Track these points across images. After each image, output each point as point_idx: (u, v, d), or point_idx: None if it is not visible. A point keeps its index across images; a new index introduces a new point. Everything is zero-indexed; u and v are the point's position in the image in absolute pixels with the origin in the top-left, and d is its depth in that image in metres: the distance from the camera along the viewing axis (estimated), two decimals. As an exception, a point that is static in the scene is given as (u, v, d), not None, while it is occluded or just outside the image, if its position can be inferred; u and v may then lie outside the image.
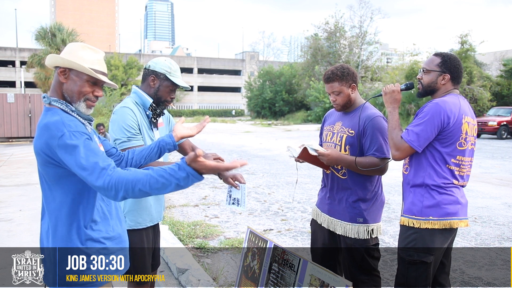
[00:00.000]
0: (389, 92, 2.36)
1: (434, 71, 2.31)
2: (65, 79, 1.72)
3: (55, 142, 1.60)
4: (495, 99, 26.68)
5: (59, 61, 1.73)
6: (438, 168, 2.22)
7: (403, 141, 2.22)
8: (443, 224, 2.22)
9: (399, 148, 2.23)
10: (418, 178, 2.27)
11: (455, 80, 2.33)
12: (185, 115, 47.68)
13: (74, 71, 1.72)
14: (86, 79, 1.72)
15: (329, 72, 2.55)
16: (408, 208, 2.29)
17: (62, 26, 30.92)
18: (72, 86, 1.72)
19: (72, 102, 1.73)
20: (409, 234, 2.26)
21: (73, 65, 1.71)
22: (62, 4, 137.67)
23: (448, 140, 2.21)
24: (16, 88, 47.21)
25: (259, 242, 2.34)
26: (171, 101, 2.41)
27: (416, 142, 2.19)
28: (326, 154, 2.40)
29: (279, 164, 10.95)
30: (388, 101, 2.37)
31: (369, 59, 38.16)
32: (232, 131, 24.74)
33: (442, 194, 2.23)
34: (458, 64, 2.33)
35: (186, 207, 6.41)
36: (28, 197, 7.17)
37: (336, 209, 2.56)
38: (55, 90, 1.74)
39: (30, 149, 15.07)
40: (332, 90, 2.54)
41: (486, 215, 6.01)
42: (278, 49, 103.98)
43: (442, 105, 2.19)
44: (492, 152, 14.23)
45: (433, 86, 2.32)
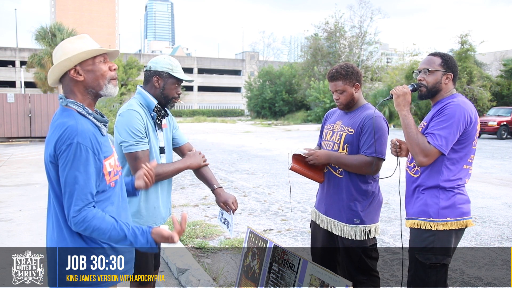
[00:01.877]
0: (402, 94, 2.26)
1: (438, 71, 2.28)
2: (81, 76, 1.71)
3: (62, 146, 1.60)
4: (495, 99, 26.67)
5: (66, 65, 1.70)
6: (454, 169, 2.20)
7: (432, 146, 2.15)
8: (460, 224, 2.19)
9: (428, 154, 2.15)
10: (431, 180, 2.22)
11: (455, 79, 2.33)
12: (185, 115, 47.71)
13: (84, 64, 1.70)
14: (98, 61, 1.72)
15: (333, 70, 2.56)
16: (422, 210, 2.22)
17: (62, 26, 30.92)
18: (92, 76, 1.71)
19: (99, 90, 1.73)
20: (426, 237, 2.20)
21: (83, 56, 1.69)
22: (62, 4, 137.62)
23: (466, 141, 2.20)
24: (16, 88, 47.22)
25: (259, 242, 2.34)
26: (178, 97, 2.43)
27: (445, 147, 2.14)
28: (312, 153, 2.48)
29: (279, 164, 10.95)
30: (401, 104, 2.26)
31: (369, 59, 38.18)
32: (232, 131, 24.73)
33: (456, 194, 2.21)
34: (456, 63, 2.35)
35: (186, 207, 6.41)
36: (28, 197, 7.16)
37: (333, 210, 2.56)
38: (72, 91, 1.72)
39: (30, 149, 15.07)
40: (336, 88, 2.55)
41: (486, 215, 6.01)
42: (278, 49, 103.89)
43: (464, 106, 2.17)
44: (492, 152, 14.22)
45: (438, 87, 2.29)
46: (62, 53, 1.72)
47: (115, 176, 1.78)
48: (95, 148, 1.66)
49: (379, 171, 2.54)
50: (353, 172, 2.49)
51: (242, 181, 8.74)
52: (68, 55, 1.70)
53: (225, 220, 2.47)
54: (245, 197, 7.20)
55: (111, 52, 1.79)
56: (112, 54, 1.80)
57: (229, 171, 9.88)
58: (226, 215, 2.45)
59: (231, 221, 2.42)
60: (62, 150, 1.60)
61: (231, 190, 7.73)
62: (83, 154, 1.61)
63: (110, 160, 1.75)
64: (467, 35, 26.43)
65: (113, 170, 1.76)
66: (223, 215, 2.51)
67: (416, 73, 2.37)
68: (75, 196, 1.60)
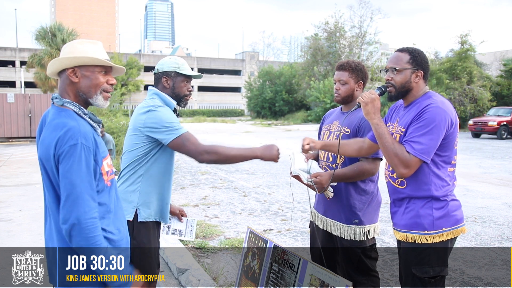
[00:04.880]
0: (370, 101, 2.06)
1: (406, 69, 2.09)
2: (77, 78, 1.71)
3: (64, 146, 1.58)
4: (495, 99, 26.68)
5: (66, 63, 1.71)
6: (441, 175, 2.04)
7: (412, 156, 1.96)
8: (456, 232, 2.06)
9: (409, 165, 1.97)
10: (421, 191, 2.04)
11: (426, 76, 2.13)
12: (185, 115, 47.68)
13: (83, 68, 1.71)
14: (98, 71, 1.73)
15: (344, 61, 2.62)
16: (415, 222, 2.06)
17: (62, 26, 30.93)
18: (86, 82, 1.71)
19: (89, 97, 1.73)
20: (421, 250, 2.04)
21: (84, 60, 1.69)
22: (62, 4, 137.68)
23: (449, 143, 2.03)
24: (16, 88, 47.20)
25: (259, 242, 2.34)
26: (190, 94, 2.45)
27: (427, 155, 1.96)
28: (317, 181, 2.41)
29: (279, 164, 10.93)
30: (371, 112, 2.06)
31: (369, 59, 38.13)
32: (232, 131, 24.73)
33: (449, 202, 2.06)
34: (426, 58, 2.15)
35: (186, 207, 6.40)
36: (28, 197, 7.17)
37: (332, 210, 2.56)
38: (66, 92, 1.72)
39: (30, 149, 15.07)
40: (340, 78, 2.58)
41: (486, 215, 6.01)
42: (278, 49, 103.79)
43: (444, 108, 2.00)
44: (492, 152, 14.22)
45: (407, 86, 2.10)
46: (69, 50, 1.73)
47: (111, 175, 1.80)
48: (96, 149, 1.67)
49: (378, 170, 2.54)
50: None
51: (242, 181, 8.74)
52: (72, 54, 1.71)
53: (174, 230, 2.56)
54: (245, 197, 7.20)
55: (117, 68, 1.81)
56: (118, 70, 1.82)
57: (229, 171, 9.88)
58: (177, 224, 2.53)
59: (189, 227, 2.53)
60: (64, 151, 1.58)
61: (231, 190, 7.73)
62: (86, 155, 1.61)
63: (107, 160, 1.77)
64: (467, 35, 26.46)
65: (110, 169, 1.78)
66: (169, 227, 2.61)
67: (384, 72, 2.19)
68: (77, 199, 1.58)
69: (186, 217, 2.52)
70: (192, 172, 9.69)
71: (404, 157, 1.97)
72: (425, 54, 2.16)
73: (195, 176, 9.22)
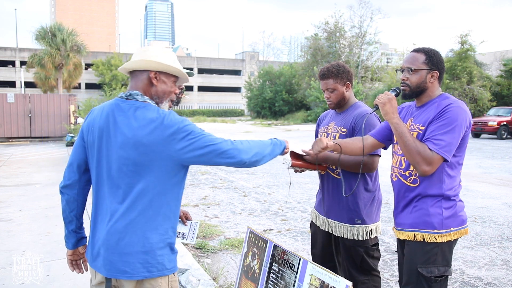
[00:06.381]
0: (387, 101, 2.07)
1: (422, 70, 2.10)
2: (157, 81, 1.78)
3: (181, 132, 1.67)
4: (495, 99, 26.69)
5: (153, 66, 1.76)
6: (453, 174, 2.06)
7: (434, 153, 1.96)
8: (461, 233, 2.07)
9: (432, 162, 1.97)
10: (434, 189, 2.05)
11: (441, 77, 2.15)
12: (185, 115, 47.68)
13: (163, 74, 1.79)
14: (174, 80, 1.83)
15: (324, 69, 2.59)
16: (424, 221, 2.06)
17: (62, 26, 30.95)
18: (163, 88, 1.80)
19: (160, 102, 1.80)
20: (429, 249, 2.04)
21: (171, 69, 1.78)
22: (62, 4, 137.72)
23: (463, 144, 2.06)
24: (16, 88, 47.23)
25: (259, 242, 2.34)
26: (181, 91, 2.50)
27: (449, 153, 1.97)
28: (310, 152, 2.39)
29: (279, 164, 10.94)
30: (390, 111, 2.06)
31: (369, 59, 38.16)
32: (232, 131, 24.73)
33: (457, 202, 2.08)
34: (442, 59, 2.16)
35: (186, 207, 6.40)
36: (28, 197, 7.16)
37: (334, 211, 2.55)
38: (144, 91, 1.77)
39: (30, 149, 15.07)
40: (327, 87, 2.57)
41: (486, 215, 6.01)
42: (278, 49, 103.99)
43: (464, 108, 2.02)
44: (492, 152, 14.23)
45: (422, 86, 2.11)
46: (153, 54, 1.77)
47: None
48: None
49: (377, 168, 2.53)
50: (351, 172, 2.48)
51: (242, 181, 8.75)
52: (157, 59, 1.75)
53: (178, 233, 2.54)
54: (245, 197, 7.21)
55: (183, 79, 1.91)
56: (181, 80, 1.93)
57: (229, 171, 9.88)
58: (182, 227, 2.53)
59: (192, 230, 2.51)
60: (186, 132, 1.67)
61: (231, 190, 7.73)
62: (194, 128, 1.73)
63: None
64: (467, 35, 26.46)
65: None
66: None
67: (399, 72, 2.19)
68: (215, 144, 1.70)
69: (191, 220, 2.50)
70: (192, 172, 9.69)
71: (426, 154, 1.97)
72: (440, 55, 2.17)
73: (195, 176, 9.22)
